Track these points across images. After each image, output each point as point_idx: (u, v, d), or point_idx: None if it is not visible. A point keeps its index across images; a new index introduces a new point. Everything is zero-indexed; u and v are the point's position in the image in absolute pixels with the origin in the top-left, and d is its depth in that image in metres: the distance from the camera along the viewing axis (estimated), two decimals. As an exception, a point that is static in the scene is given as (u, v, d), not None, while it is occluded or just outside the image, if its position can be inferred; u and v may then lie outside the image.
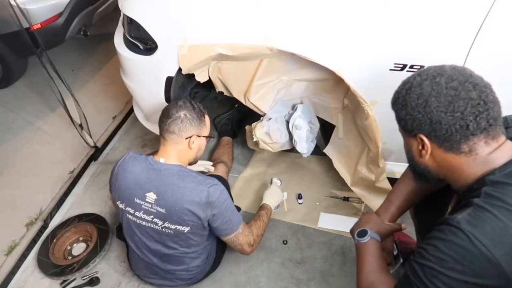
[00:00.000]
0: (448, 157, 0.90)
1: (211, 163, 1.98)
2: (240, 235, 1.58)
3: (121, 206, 1.56)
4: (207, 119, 1.57)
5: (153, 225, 1.53)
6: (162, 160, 1.50)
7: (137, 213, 1.53)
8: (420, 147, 0.94)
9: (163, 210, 1.48)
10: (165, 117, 1.49)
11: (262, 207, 1.83)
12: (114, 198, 1.61)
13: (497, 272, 0.79)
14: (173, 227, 1.50)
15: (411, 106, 0.90)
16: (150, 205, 1.49)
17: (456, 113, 0.84)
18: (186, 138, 1.49)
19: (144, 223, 1.54)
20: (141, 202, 1.50)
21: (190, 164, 1.61)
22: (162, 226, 1.51)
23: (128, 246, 1.73)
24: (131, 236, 1.63)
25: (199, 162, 1.88)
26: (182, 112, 1.47)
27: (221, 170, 2.05)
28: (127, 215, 1.56)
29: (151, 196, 1.47)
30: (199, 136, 1.52)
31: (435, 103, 0.86)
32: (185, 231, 1.51)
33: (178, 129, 1.47)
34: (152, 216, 1.51)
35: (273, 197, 1.88)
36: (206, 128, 1.56)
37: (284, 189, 2.12)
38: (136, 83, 1.89)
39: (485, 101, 0.84)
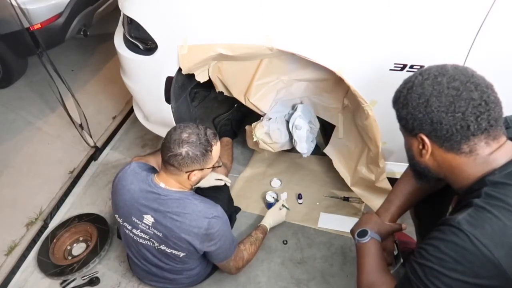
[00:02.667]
0: (448, 157, 0.90)
1: (229, 180, 1.90)
2: (232, 262, 1.59)
3: (119, 220, 1.55)
4: (215, 149, 1.43)
5: (150, 243, 1.51)
6: (162, 185, 1.43)
7: (134, 230, 1.51)
8: (420, 147, 0.94)
9: (160, 234, 1.46)
10: (166, 147, 1.37)
11: (260, 227, 1.81)
12: (113, 209, 1.59)
13: (498, 273, 0.79)
14: (168, 250, 1.49)
15: (412, 106, 0.90)
16: (147, 227, 1.47)
17: (457, 113, 0.84)
18: (187, 172, 1.39)
19: (141, 240, 1.52)
20: (139, 222, 1.47)
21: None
22: (158, 247, 1.50)
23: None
24: (129, 246, 1.62)
25: (215, 175, 1.82)
26: (184, 149, 1.34)
27: (221, 172, 2.05)
28: (125, 229, 1.54)
29: (148, 219, 1.44)
30: (201, 169, 1.41)
31: (436, 103, 0.86)
32: (180, 256, 1.51)
33: (178, 164, 1.37)
34: (149, 236, 1.49)
35: (273, 217, 1.88)
36: (212, 160, 1.43)
37: (284, 189, 2.12)
38: (136, 83, 1.89)
39: (486, 101, 0.84)
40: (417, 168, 1.01)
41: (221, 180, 1.84)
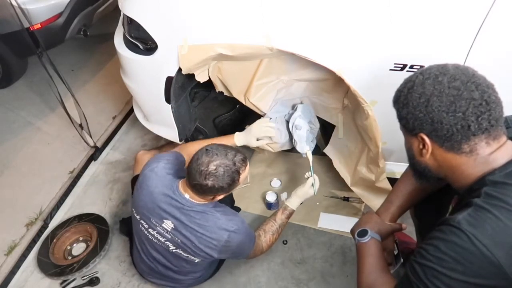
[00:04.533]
0: (448, 156, 0.90)
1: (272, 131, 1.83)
2: (249, 256, 1.60)
3: (136, 216, 1.53)
4: (243, 175, 1.40)
5: (164, 246, 1.51)
6: (187, 196, 1.42)
7: (150, 230, 1.50)
8: (420, 146, 0.94)
9: (178, 240, 1.46)
10: (192, 174, 1.34)
11: (286, 210, 1.71)
12: (132, 202, 1.57)
13: (498, 273, 0.79)
14: (184, 255, 1.50)
15: (412, 105, 0.90)
16: (165, 231, 1.46)
17: (457, 113, 0.84)
18: (211, 196, 1.41)
19: (156, 240, 1.51)
20: (157, 224, 1.47)
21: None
22: (174, 250, 1.50)
23: (132, 242, 1.73)
24: (139, 241, 1.61)
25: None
26: (210, 181, 1.33)
27: None
28: (140, 226, 1.53)
29: (168, 224, 1.44)
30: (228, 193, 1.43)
31: (437, 103, 0.86)
32: (196, 261, 1.52)
33: (203, 192, 1.37)
34: (165, 239, 1.49)
35: (301, 198, 1.73)
36: (238, 185, 1.42)
37: (284, 189, 2.12)
38: (136, 83, 1.89)
39: (487, 101, 0.84)
40: (417, 168, 1.01)
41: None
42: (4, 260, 1.93)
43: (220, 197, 1.43)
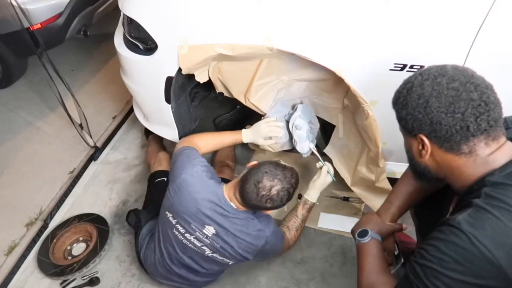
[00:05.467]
0: (448, 157, 0.90)
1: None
2: (278, 254, 1.68)
3: (171, 220, 1.52)
4: (296, 192, 1.48)
5: (198, 250, 1.51)
6: (233, 205, 1.45)
7: (187, 235, 1.50)
8: (420, 147, 0.94)
9: (217, 246, 1.48)
10: (247, 194, 1.38)
11: (306, 205, 1.76)
12: (165, 204, 1.55)
13: (498, 273, 0.79)
14: (220, 258, 1.52)
15: (411, 106, 0.90)
16: (205, 236, 1.47)
17: (456, 114, 0.84)
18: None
19: (190, 245, 1.51)
20: (197, 230, 1.47)
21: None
22: (210, 254, 1.51)
23: (137, 238, 1.73)
24: (166, 244, 1.58)
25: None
26: (269, 204, 1.40)
27: (228, 174, 2.06)
28: (173, 230, 1.52)
29: (210, 230, 1.46)
30: None
31: (435, 104, 0.86)
32: (229, 263, 1.56)
33: (257, 209, 1.45)
34: (202, 244, 1.49)
35: (319, 189, 1.76)
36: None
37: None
38: (136, 83, 1.89)
39: (486, 102, 0.84)
40: (417, 169, 1.01)
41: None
42: (4, 260, 1.93)
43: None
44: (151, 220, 1.76)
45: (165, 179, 1.83)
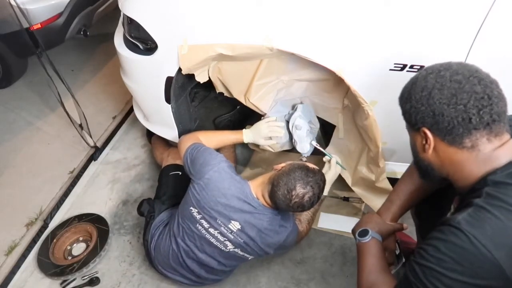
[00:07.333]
0: (450, 151, 0.90)
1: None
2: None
3: (196, 215, 1.52)
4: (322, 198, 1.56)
5: (220, 245, 1.53)
6: (260, 202, 1.49)
7: (211, 230, 1.51)
8: (423, 142, 0.94)
9: (241, 241, 1.50)
10: (279, 199, 1.42)
11: None
12: (191, 200, 1.54)
13: (497, 273, 0.78)
14: (241, 253, 1.55)
15: (415, 99, 0.91)
16: (229, 231, 1.49)
17: (459, 105, 0.84)
18: None
19: (212, 239, 1.52)
20: (222, 225, 1.49)
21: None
22: (231, 249, 1.53)
23: (147, 229, 1.72)
24: (184, 239, 1.58)
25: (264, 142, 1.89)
26: (300, 208, 1.44)
27: None
28: (197, 225, 1.53)
29: (235, 225, 1.48)
30: None
31: (438, 95, 0.86)
32: (249, 258, 1.59)
33: (286, 211, 1.51)
34: (225, 239, 1.51)
35: (330, 182, 1.73)
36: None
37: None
38: (136, 83, 1.89)
39: (489, 95, 0.83)
40: (421, 165, 1.01)
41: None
42: (4, 260, 1.93)
43: None
44: (165, 211, 1.77)
45: (180, 173, 1.87)
